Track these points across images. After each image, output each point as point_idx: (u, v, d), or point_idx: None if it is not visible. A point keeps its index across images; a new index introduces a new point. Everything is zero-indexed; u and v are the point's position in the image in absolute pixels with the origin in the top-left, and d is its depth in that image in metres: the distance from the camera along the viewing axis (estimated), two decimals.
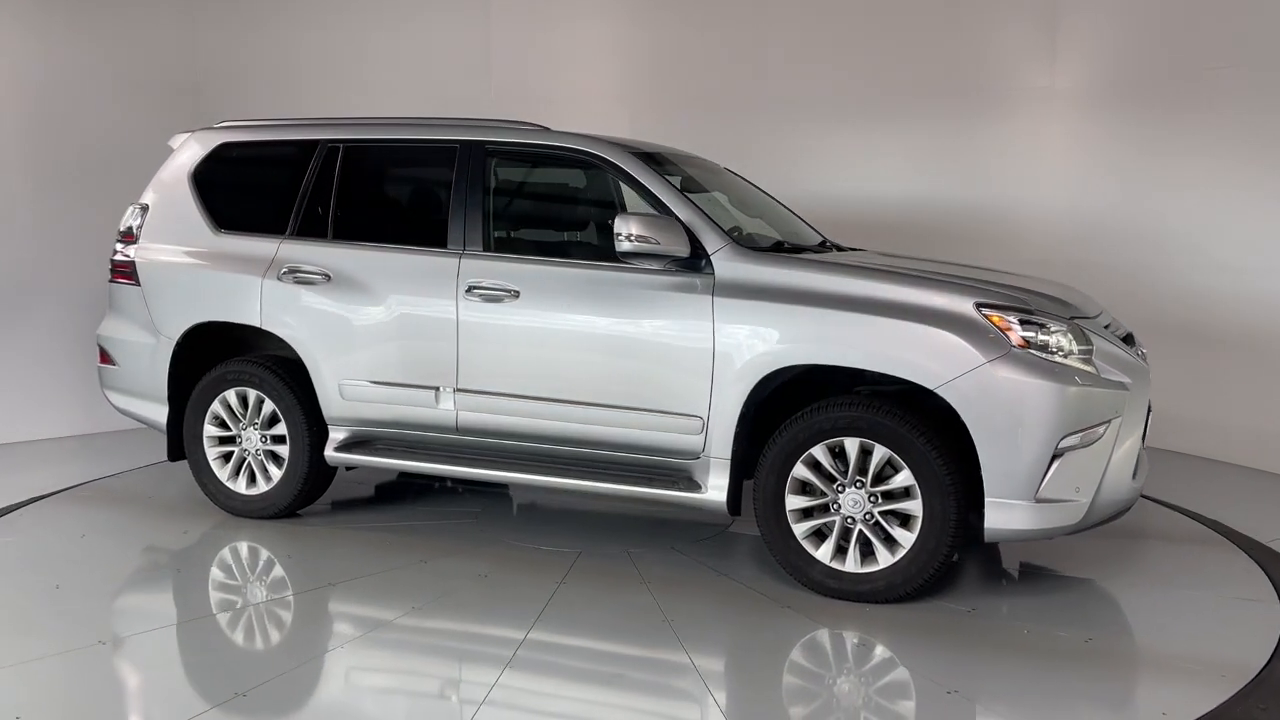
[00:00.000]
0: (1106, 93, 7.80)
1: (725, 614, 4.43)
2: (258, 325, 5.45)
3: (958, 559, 4.72)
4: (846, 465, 4.41)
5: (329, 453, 5.40)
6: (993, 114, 8.15)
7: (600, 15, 8.77)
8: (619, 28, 8.77)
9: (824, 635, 4.20)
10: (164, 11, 8.20)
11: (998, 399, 4.16)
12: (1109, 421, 4.23)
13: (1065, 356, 4.22)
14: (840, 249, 5.57)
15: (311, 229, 5.49)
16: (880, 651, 4.07)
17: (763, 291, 4.54)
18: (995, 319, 4.24)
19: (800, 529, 4.51)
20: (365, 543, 5.26)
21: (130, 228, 5.83)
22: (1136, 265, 7.53)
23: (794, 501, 4.51)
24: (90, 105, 7.72)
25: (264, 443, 5.55)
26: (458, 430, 5.14)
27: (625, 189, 5.24)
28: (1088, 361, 4.27)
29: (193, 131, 5.97)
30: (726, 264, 4.64)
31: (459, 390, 5.06)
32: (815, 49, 8.40)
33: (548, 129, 5.27)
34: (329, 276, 5.30)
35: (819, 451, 4.45)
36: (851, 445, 4.39)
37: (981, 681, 3.82)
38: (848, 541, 4.45)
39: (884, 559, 4.39)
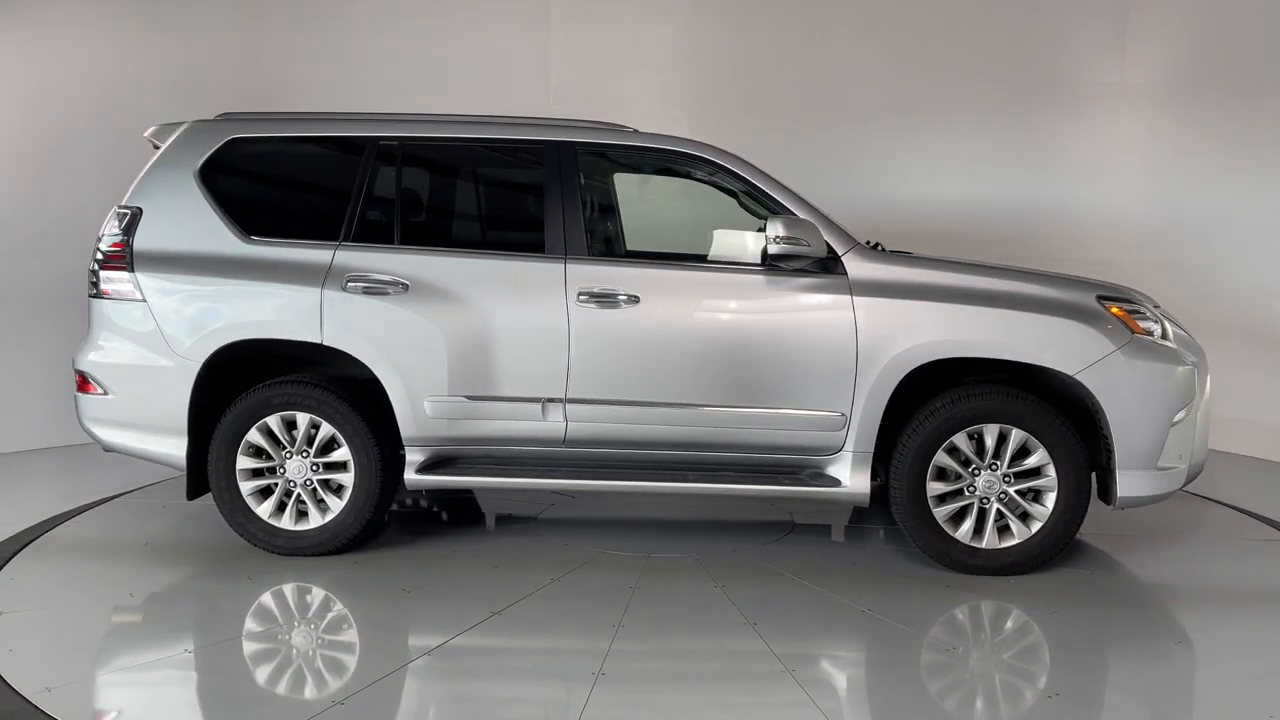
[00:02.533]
0: (1180, 87, 7.70)
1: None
2: (318, 341, 4.91)
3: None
4: (982, 450, 4.75)
5: (411, 476, 4.97)
6: (1061, 111, 8.06)
7: (660, 17, 8.60)
8: (678, 29, 8.64)
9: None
10: (231, 17, 8.31)
11: (1128, 381, 4.65)
12: (1195, 396, 4.87)
13: (1165, 340, 4.81)
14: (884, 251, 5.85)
15: (371, 234, 5.02)
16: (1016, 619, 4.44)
17: (900, 289, 4.76)
18: (1114, 310, 4.74)
19: (940, 513, 4.79)
20: (462, 568, 4.91)
21: (119, 236, 5.03)
22: (1208, 264, 7.47)
23: (934, 488, 4.78)
24: (159, 108, 6.48)
25: (314, 471, 5.01)
26: (564, 442, 4.92)
27: (725, 191, 5.25)
28: (1171, 344, 4.88)
29: (180, 125, 5.25)
30: (857, 264, 4.81)
31: (570, 401, 4.85)
32: (877, 49, 8.39)
33: (636, 130, 5.18)
34: (407, 286, 4.88)
35: (960, 438, 4.75)
36: (991, 431, 4.73)
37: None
38: (982, 522, 4.80)
39: (1020, 534, 4.77)
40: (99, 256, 5.06)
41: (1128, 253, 7.91)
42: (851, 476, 4.81)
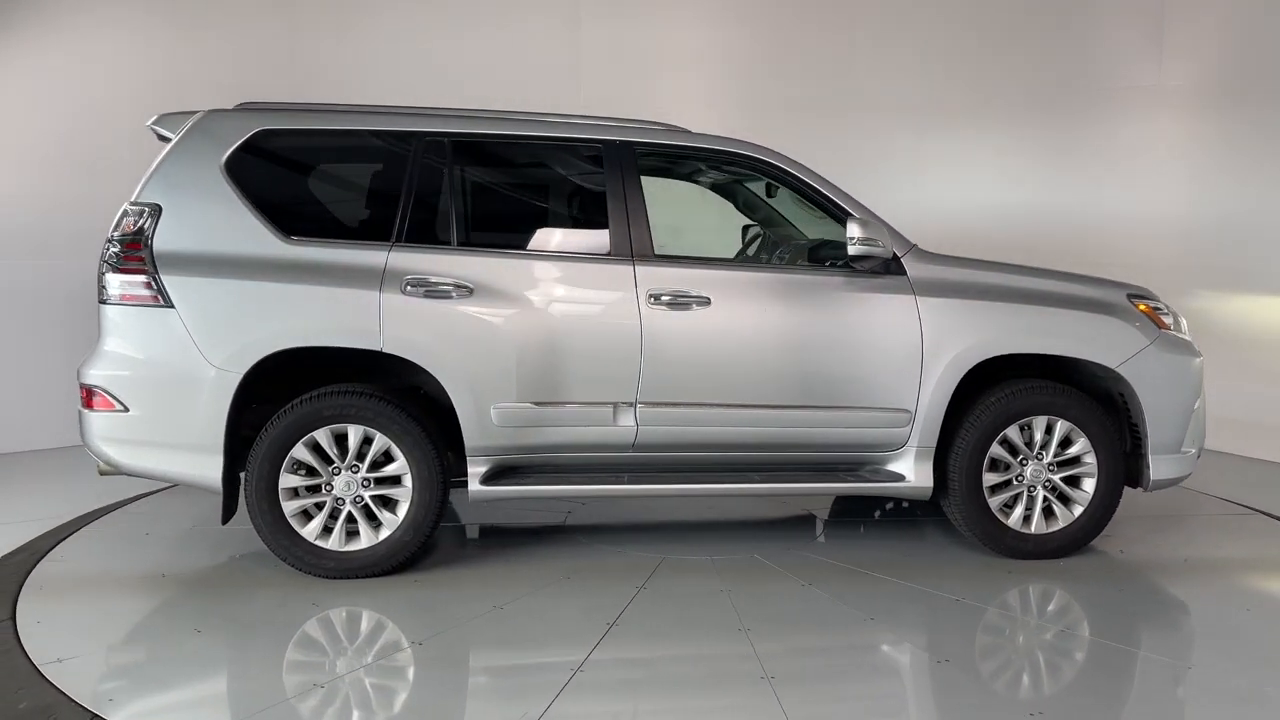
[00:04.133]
0: (1217, 90, 7.61)
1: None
2: (377, 349, 4.59)
3: None
4: (1031, 441, 5.02)
5: (476, 487, 4.74)
6: (1097, 114, 8.03)
7: (690, 19, 8.41)
8: (709, 31, 8.46)
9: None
10: (266, 20, 8.32)
11: (1158, 372, 5.04)
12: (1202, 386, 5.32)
13: (1183, 335, 5.23)
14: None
15: (424, 235, 4.75)
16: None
17: (956, 289, 4.96)
18: (1142, 307, 5.12)
19: (994, 503, 5.02)
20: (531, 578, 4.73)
21: (136, 235, 4.54)
22: (1246, 268, 7.45)
23: (989, 479, 5.01)
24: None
25: (366, 487, 4.69)
26: (634, 447, 4.83)
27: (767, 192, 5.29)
28: (1188, 338, 5.30)
29: (190, 115, 4.80)
30: (915, 265, 4.98)
31: (641, 404, 4.77)
32: (909, 51, 8.32)
33: (688, 130, 5.13)
34: (471, 289, 4.64)
35: (1012, 431, 5.00)
36: (1039, 423, 5.00)
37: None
38: (1031, 509, 5.06)
39: (1065, 518, 5.06)
40: (112, 258, 4.54)
41: (1164, 257, 7.88)
42: (915, 471, 4.97)
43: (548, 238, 4.99)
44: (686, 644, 4.12)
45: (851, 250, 4.77)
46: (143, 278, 4.52)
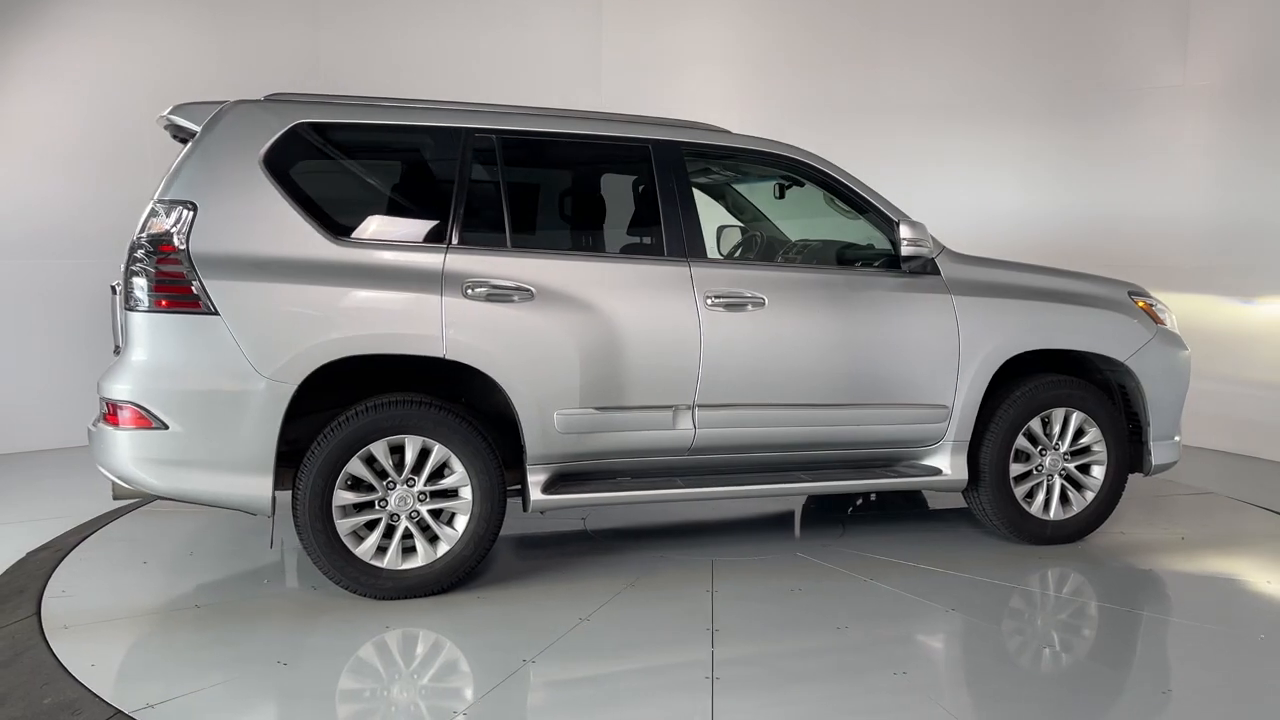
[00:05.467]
0: (1244, 90, 7.53)
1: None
2: (440, 355, 4.37)
3: None
4: (1050, 432, 5.27)
5: (538, 496, 4.58)
6: (1122, 114, 7.95)
7: (711, 18, 8.20)
8: (730, 30, 8.25)
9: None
10: (289, 15, 8.32)
11: (1158, 365, 5.39)
12: None
13: (1175, 330, 5.61)
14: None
15: (479, 236, 4.56)
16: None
17: (986, 289, 5.15)
18: (1141, 303, 5.46)
19: (1018, 492, 5.25)
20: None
21: (170, 236, 4.16)
22: (1274, 269, 7.41)
23: (1014, 469, 5.23)
24: None
25: (422, 501, 4.46)
26: (691, 450, 4.79)
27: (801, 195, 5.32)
28: (1178, 333, 5.68)
29: (212, 105, 4.44)
30: (947, 265, 5.14)
31: (699, 406, 4.73)
32: (930, 51, 8.18)
33: (728, 131, 5.11)
34: (532, 292, 4.48)
35: (1035, 423, 5.24)
36: (1058, 415, 5.27)
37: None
38: (1050, 496, 5.32)
39: (1079, 504, 5.35)
40: (143, 261, 4.14)
41: (1191, 258, 7.85)
42: (951, 464, 5.14)
43: (602, 238, 4.88)
44: (799, 640, 4.14)
45: (905, 251, 4.89)
46: (182, 282, 4.14)
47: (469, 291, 4.40)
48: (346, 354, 4.26)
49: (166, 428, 4.13)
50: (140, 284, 4.15)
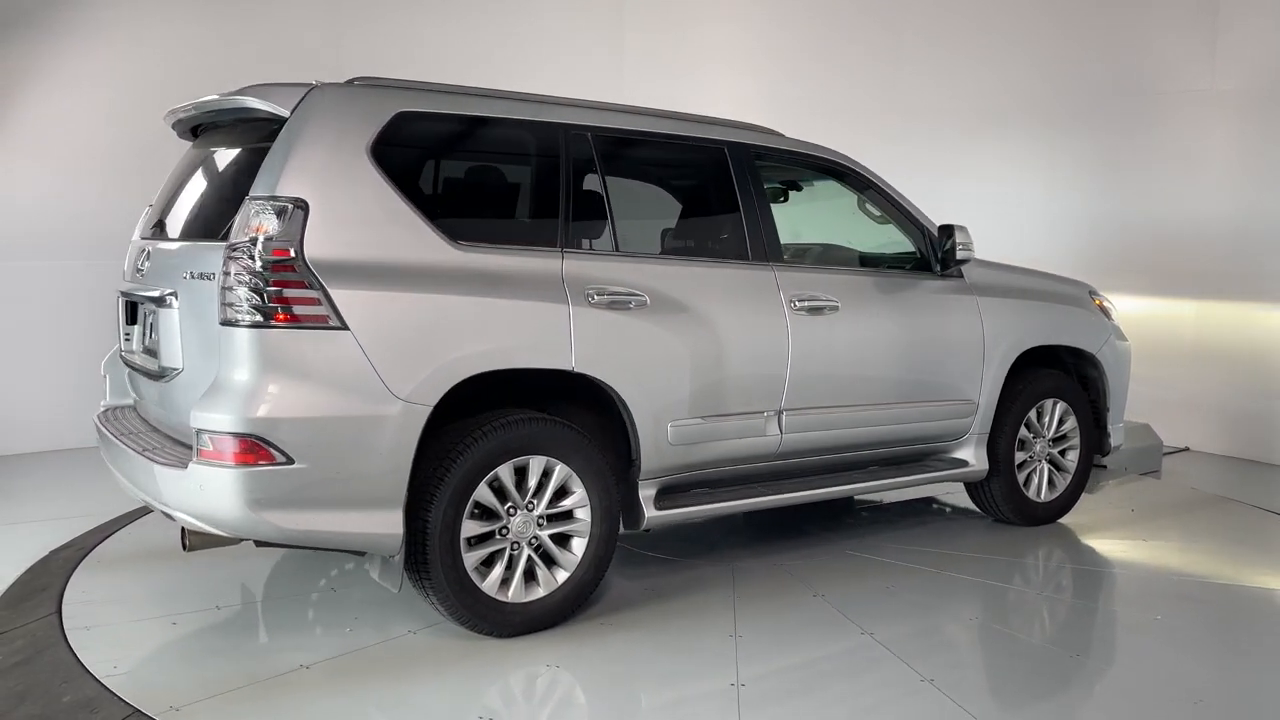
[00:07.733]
0: (1272, 93, 7.46)
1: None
2: (568, 368, 4.04)
3: None
4: (1041, 422, 5.73)
5: (653, 513, 4.36)
6: (1149, 118, 7.88)
7: (734, 20, 7.84)
8: (753, 32, 7.90)
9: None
10: (310, 10, 8.27)
11: (1115, 356, 6.01)
12: None
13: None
14: None
15: (588, 239, 4.29)
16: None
17: (1000, 290, 5.52)
18: (1097, 301, 6.05)
19: (1020, 479, 5.67)
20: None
21: (285, 241, 3.56)
22: None
23: (1018, 457, 5.64)
24: None
25: (542, 526, 4.11)
26: (777, 455, 4.75)
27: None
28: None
29: (287, 87, 3.88)
30: (969, 269, 5.44)
31: (786, 411, 4.70)
32: (953, 54, 7.97)
33: (781, 134, 5.09)
34: (646, 300, 4.26)
35: (1032, 415, 5.67)
36: (1048, 405, 5.74)
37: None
38: (1039, 480, 5.79)
39: (1060, 485, 5.85)
40: (251, 269, 3.52)
41: (1219, 263, 7.78)
42: (975, 456, 5.45)
43: (694, 241, 4.72)
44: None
45: (960, 254, 5.14)
46: (303, 292, 3.56)
47: (591, 299, 4.12)
48: (484, 369, 3.86)
49: (292, 462, 3.54)
50: (247, 295, 3.53)
